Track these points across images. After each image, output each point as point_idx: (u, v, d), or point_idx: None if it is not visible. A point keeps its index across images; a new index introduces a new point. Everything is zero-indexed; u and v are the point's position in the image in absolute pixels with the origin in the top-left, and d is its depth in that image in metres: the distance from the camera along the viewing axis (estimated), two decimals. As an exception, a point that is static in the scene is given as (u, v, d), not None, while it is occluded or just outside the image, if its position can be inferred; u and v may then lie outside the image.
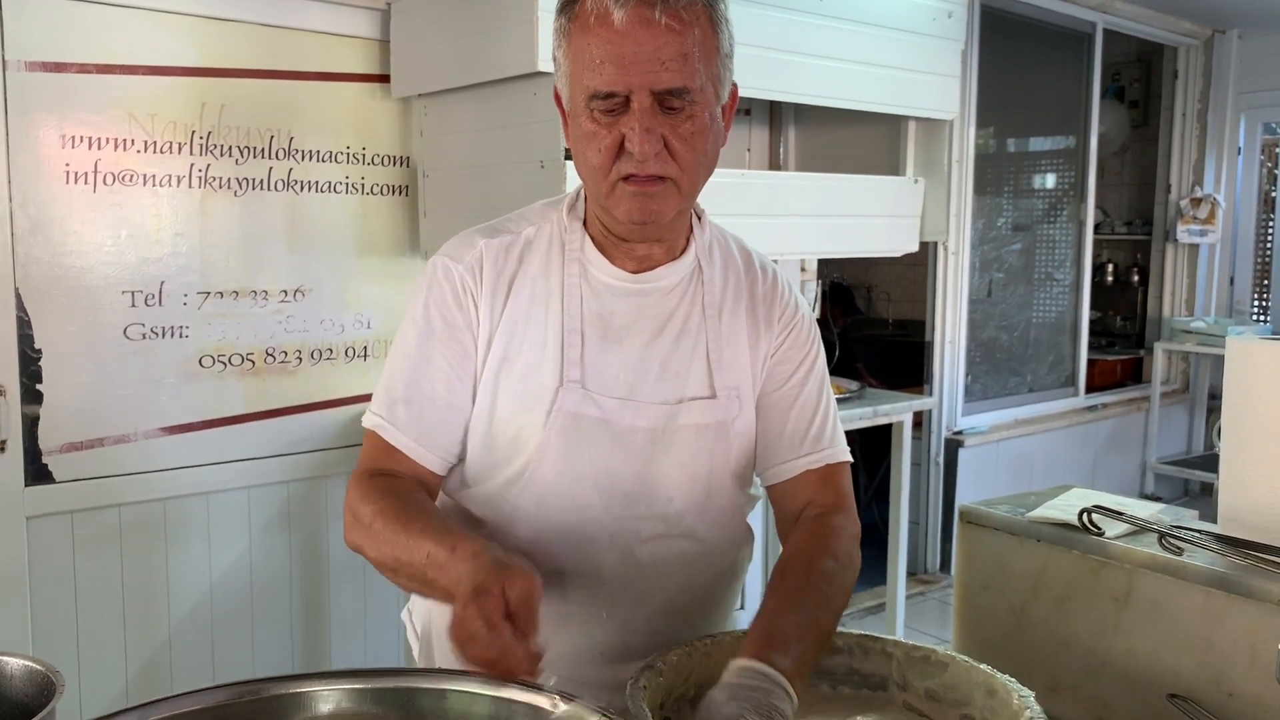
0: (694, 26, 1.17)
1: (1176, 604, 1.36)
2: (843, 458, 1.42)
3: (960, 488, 4.89)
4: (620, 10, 1.15)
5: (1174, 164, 6.20)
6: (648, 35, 1.15)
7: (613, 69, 1.16)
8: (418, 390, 1.31)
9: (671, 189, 1.22)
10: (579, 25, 1.19)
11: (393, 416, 1.31)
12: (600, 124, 1.19)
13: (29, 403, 2.78)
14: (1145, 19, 5.58)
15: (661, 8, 1.15)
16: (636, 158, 1.18)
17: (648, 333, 1.32)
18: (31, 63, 2.72)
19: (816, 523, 1.37)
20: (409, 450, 1.30)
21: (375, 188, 3.33)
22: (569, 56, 1.22)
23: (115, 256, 2.88)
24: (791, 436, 1.39)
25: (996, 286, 5.23)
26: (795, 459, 1.39)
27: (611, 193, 1.23)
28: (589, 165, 1.23)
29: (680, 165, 1.21)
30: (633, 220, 1.23)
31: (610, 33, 1.16)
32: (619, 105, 1.18)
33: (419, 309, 1.32)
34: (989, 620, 1.61)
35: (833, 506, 1.39)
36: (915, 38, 3.74)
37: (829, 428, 1.41)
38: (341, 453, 3.29)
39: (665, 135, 1.18)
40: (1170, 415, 6.29)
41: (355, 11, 3.22)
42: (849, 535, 1.36)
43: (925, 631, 4.27)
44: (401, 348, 1.33)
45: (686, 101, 1.18)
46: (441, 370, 1.31)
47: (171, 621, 3.05)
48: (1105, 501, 1.55)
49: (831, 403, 1.43)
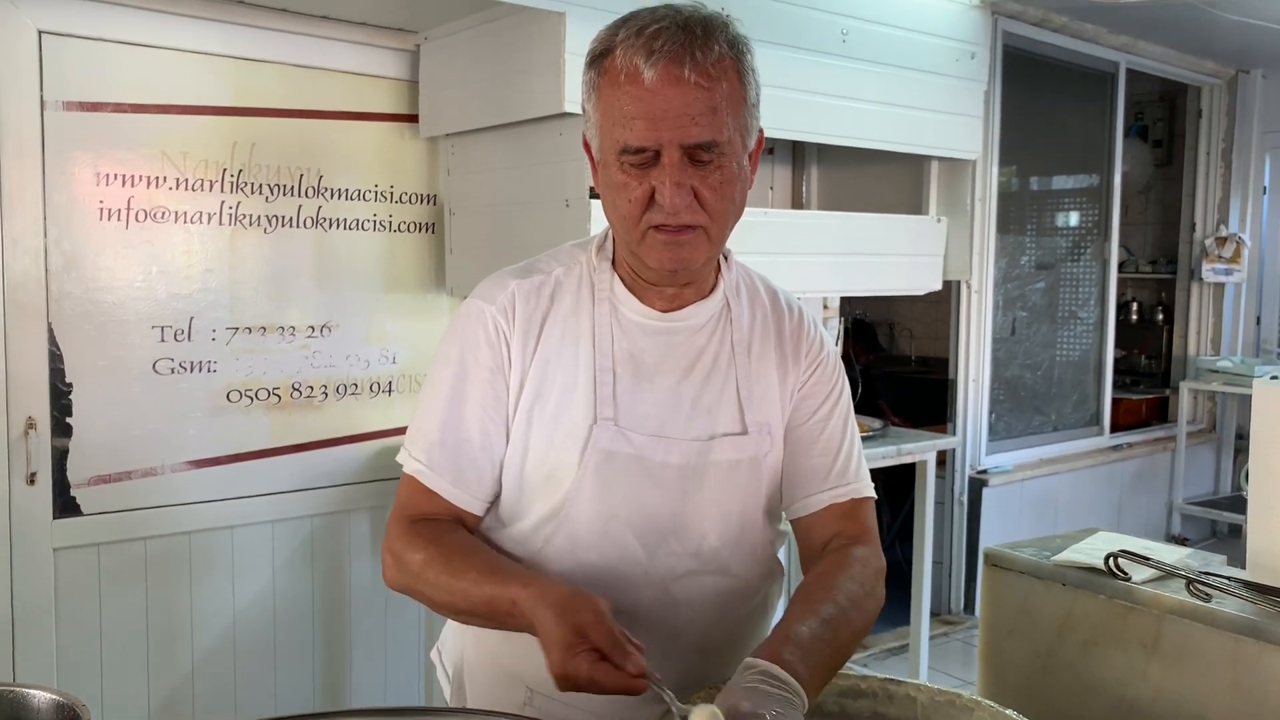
0: (722, 81, 1.19)
1: (1205, 650, 1.35)
2: (867, 493, 1.42)
3: (984, 527, 4.85)
4: (651, 69, 1.17)
5: (1199, 203, 6.18)
6: (677, 93, 1.17)
7: (643, 125, 1.18)
8: (452, 433, 1.32)
9: (701, 237, 1.24)
10: (609, 80, 1.21)
11: (429, 460, 1.33)
12: (631, 175, 1.21)
13: (59, 435, 2.82)
14: (1168, 59, 5.59)
15: (690, 65, 1.17)
16: (667, 210, 1.20)
17: (678, 370, 1.34)
18: (69, 102, 2.78)
19: (841, 552, 1.37)
20: (446, 493, 1.32)
21: (402, 225, 3.37)
22: (599, 109, 1.24)
23: (146, 292, 2.92)
24: (816, 471, 1.40)
25: (1020, 325, 5.21)
26: (819, 493, 1.40)
27: (642, 241, 1.25)
28: (619, 214, 1.25)
29: (710, 214, 1.23)
30: (664, 268, 1.26)
31: (640, 90, 1.18)
32: (649, 159, 1.20)
33: (453, 351, 1.34)
34: (1015, 664, 1.60)
35: (856, 540, 1.39)
36: (938, 78, 3.76)
37: (853, 463, 1.42)
38: (365, 488, 3.30)
39: (695, 186, 1.20)
40: (1197, 455, 6.22)
41: (384, 53, 3.27)
42: (873, 568, 1.36)
43: (950, 674, 4.22)
44: (435, 390, 1.35)
45: (716, 154, 1.20)
46: (475, 412, 1.32)
47: (195, 655, 3.06)
48: (1131, 545, 1.54)
49: (856, 439, 1.44)
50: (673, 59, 1.17)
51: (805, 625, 1.20)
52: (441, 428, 1.33)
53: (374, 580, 3.34)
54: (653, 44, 1.17)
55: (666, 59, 1.17)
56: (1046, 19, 4.76)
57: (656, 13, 1.21)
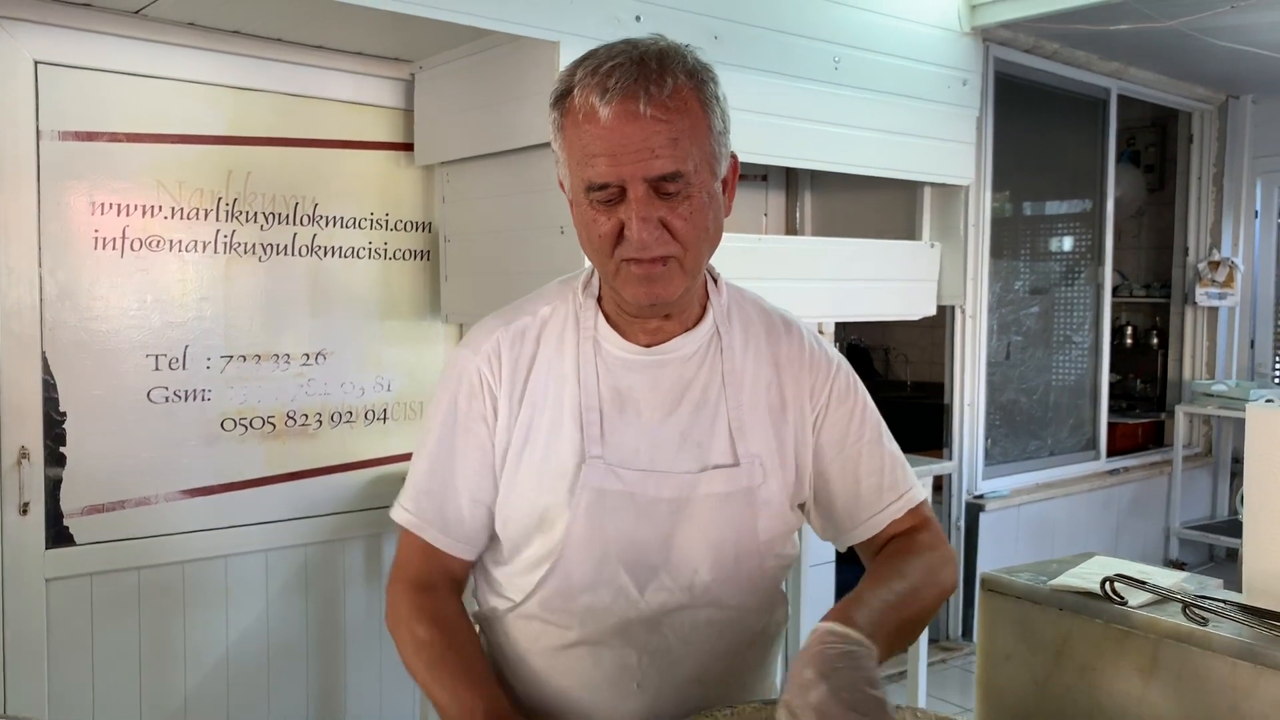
0: (681, 113, 1.19)
1: (1202, 675, 1.34)
2: (921, 496, 1.42)
3: (981, 552, 4.83)
4: (606, 107, 1.17)
5: (1191, 227, 6.21)
6: (635, 128, 1.17)
7: (605, 162, 1.19)
8: (439, 482, 1.34)
9: (675, 268, 1.24)
10: (570, 120, 1.22)
11: (417, 509, 1.35)
12: (600, 211, 1.22)
13: (52, 465, 2.81)
14: (1159, 85, 5.63)
15: (645, 100, 1.17)
16: (636, 245, 1.20)
17: (666, 404, 1.33)
18: (64, 132, 2.79)
19: (906, 537, 1.39)
20: (437, 542, 1.34)
21: (397, 253, 3.38)
22: (564, 149, 1.25)
23: (140, 320, 2.92)
24: (870, 493, 1.39)
25: (1015, 349, 5.21)
26: (879, 513, 1.40)
27: (617, 275, 1.25)
28: (593, 250, 1.26)
29: (682, 243, 1.22)
30: (641, 302, 1.26)
31: (598, 129, 1.18)
32: (615, 195, 1.20)
33: (442, 401, 1.36)
34: (1012, 690, 1.59)
35: (919, 529, 1.41)
36: (930, 105, 3.79)
37: (899, 470, 1.41)
38: (360, 516, 3.29)
39: (664, 217, 1.20)
40: (1193, 479, 6.22)
41: (379, 82, 3.29)
42: (942, 555, 1.37)
43: (948, 700, 4.20)
44: (425, 440, 1.37)
45: (682, 184, 1.20)
46: (462, 462, 1.34)
47: (188, 685, 3.03)
48: (1128, 569, 1.53)
49: (892, 443, 1.44)
50: (627, 95, 1.17)
51: (874, 593, 1.22)
52: (429, 476, 1.35)
53: (368, 609, 3.32)
54: (607, 82, 1.18)
55: (620, 95, 1.17)
56: (1038, 46, 4.80)
57: (613, 49, 1.22)
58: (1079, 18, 4.22)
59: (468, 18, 2.68)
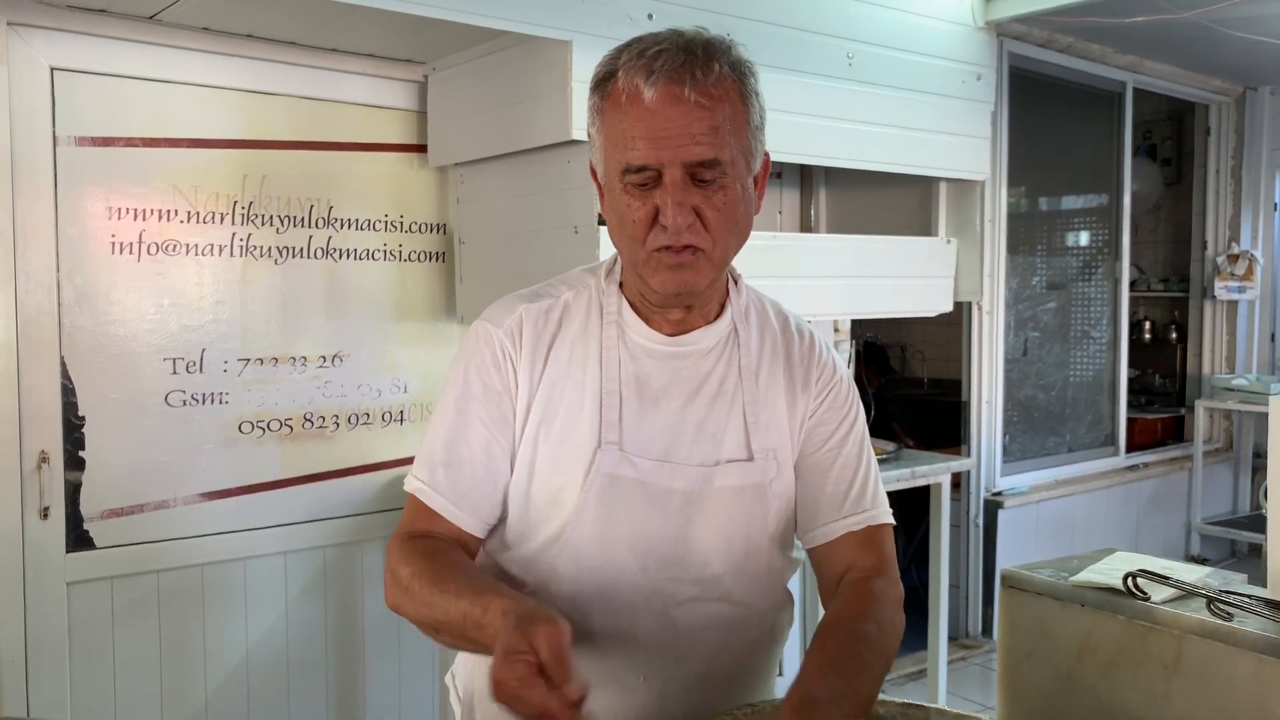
0: (724, 102, 1.20)
1: (1227, 671, 1.33)
2: (884, 520, 1.41)
3: (1000, 549, 4.81)
4: (651, 89, 1.18)
5: (1209, 221, 6.16)
6: (678, 112, 1.18)
7: (645, 144, 1.19)
8: (456, 454, 1.32)
9: (704, 259, 1.24)
10: (612, 103, 1.23)
11: (432, 480, 1.33)
12: (634, 196, 1.22)
13: (71, 469, 2.82)
14: (1176, 78, 5.59)
15: (691, 85, 1.18)
16: (670, 230, 1.21)
17: (684, 395, 1.33)
18: (81, 138, 2.80)
19: (858, 586, 1.35)
20: (447, 513, 1.32)
21: (412, 254, 3.38)
22: (603, 133, 1.25)
23: (158, 324, 2.93)
24: (831, 499, 1.39)
25: (1032, 345, 5.19)
26: (835, 521, 1.38)
27: (646, 263, 1.25)
28: (624, 237, 1.26)
29: (713, 236, 1.23)
30: (667, 291, 1.26)
31: (642, 110, 1.19)
32: (652, 179, 1.21)
33: (460, 373, 1.35)
34: (1034, 687, 1.58)
35: (874, 570, 1.37)
36: (944, 100, 3.77)
37: (870, 489, 1.40)
38: (378, 517, 3.29)
39: (698, 206, 1.21)
40: (1214, 474, 6.17)
41: (393, 84, 3.30)
42: (890, 600, 1.34)
43: (968, 698, 4.18)
44: (442, 411, 1.35)
45: (718, 173, 1.21)
46: (480, 434, 1.32)
47: (209, 688, 3.04)
48: (1150, 565, 1.52)
49: (872, 464, 1.43)
50: (673, 78, 1.18)
51: (826, 685, 1.18)
52: (446, 448, 1.33)
53: (387, 611, 3.32)
54: (653, 64, 1.19)
55: (666, 78, 1.18)
56: (1052, 40, 4.77)
57: (659, 36, 1.23)
58: (1093, 11, 4.19)
59: (480, 18, 2.68)
